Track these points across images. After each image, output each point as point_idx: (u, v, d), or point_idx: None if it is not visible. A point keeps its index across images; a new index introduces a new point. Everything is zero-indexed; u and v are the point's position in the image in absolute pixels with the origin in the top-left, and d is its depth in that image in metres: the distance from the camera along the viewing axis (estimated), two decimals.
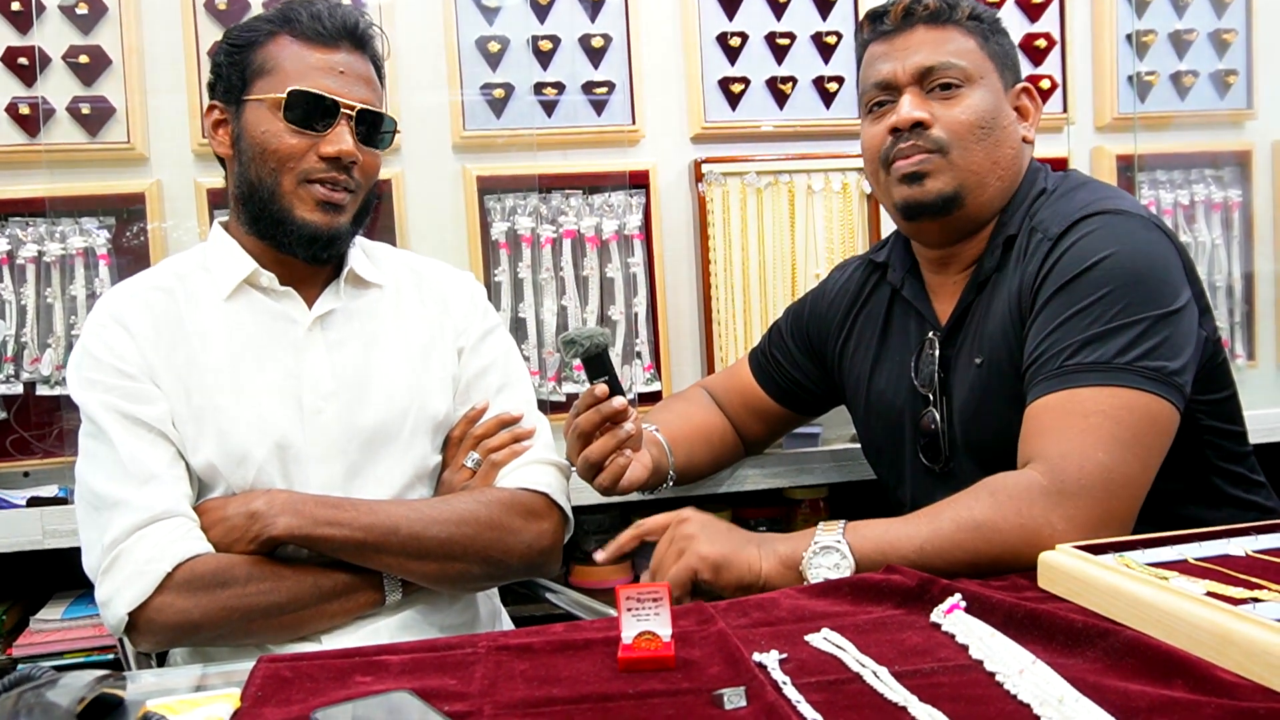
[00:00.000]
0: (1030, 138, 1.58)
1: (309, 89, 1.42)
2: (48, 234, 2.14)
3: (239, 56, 1.45)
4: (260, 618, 1.36)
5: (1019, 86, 1.58)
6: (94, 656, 2.00)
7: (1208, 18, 2.58)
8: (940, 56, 1.51)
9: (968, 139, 1.50)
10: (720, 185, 2.34)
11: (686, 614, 1.16)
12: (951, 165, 1.50)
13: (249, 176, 1.45)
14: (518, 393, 1.60)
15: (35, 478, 2.13)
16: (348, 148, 1.43)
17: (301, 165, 1.43)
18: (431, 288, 1.60)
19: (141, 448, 1.39)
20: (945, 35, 1.53)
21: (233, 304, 1.47)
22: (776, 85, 2.41)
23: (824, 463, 2.21)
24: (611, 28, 2.34)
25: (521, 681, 1.01)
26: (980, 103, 1.51)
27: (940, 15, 1.54)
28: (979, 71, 1.52)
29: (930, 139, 1.50)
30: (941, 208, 1.52)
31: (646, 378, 2.34)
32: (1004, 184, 1.53)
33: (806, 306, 1.83)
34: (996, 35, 1.57)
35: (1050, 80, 2.51)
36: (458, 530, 1.41)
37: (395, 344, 1.53)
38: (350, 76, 1.45)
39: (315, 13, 1.44)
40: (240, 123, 1.45)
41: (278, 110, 1.42)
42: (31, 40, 2.14)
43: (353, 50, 1.47)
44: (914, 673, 0.97)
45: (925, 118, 1.50)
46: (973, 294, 1.53)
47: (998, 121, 1.52)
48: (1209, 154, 2.59)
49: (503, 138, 2.31)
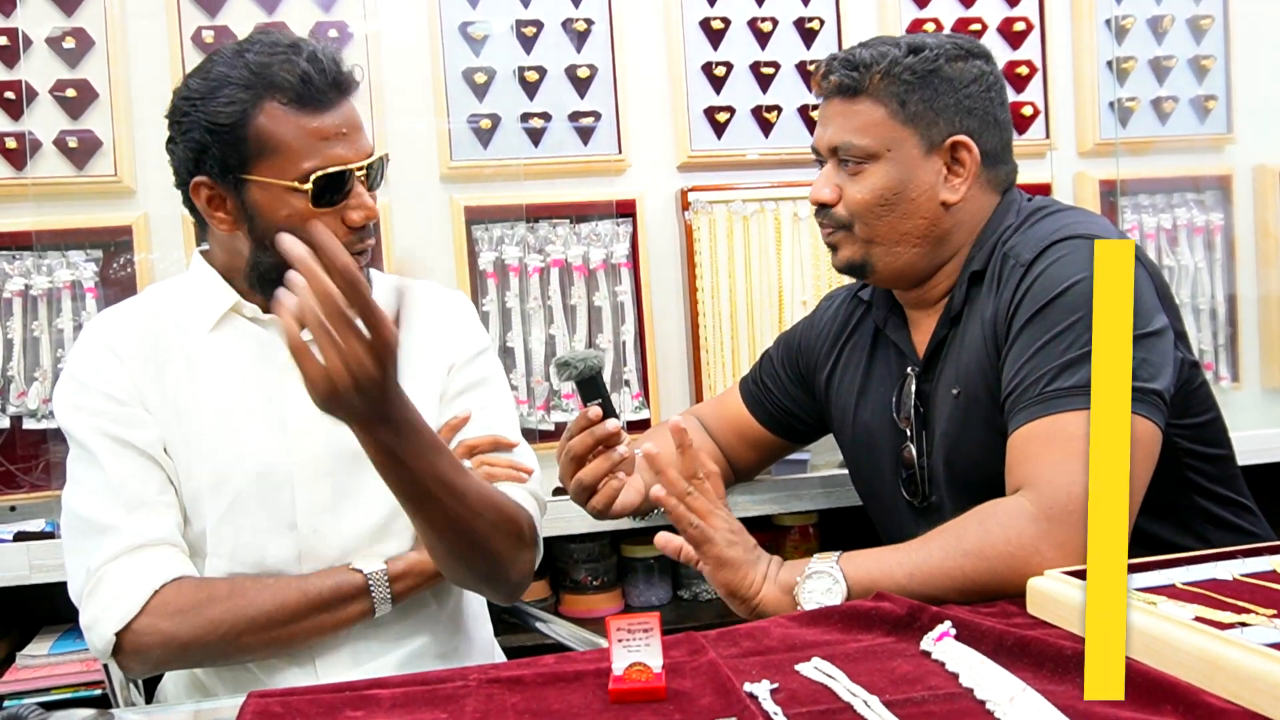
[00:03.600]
0: (954, 199, 1.52)
1: (330, 169, 1.34)
2: (35, 267, 2.14)
3: (229, 135, 1.34)
4: (248, 630, 1.34)
5: (950, 142, 1.51)
6: (82, 692, 1.99)
7: (1187, 44, 2.61)
8: (843, 136, 1.52)
9: (867, 216, 1.52)
10: (707, 214, 2.36)
11: (677, 644, 1.15)
12: (855, 239, 1.55)
13: (274, 260, 1.31)
14: (506, 414, 1.59)
15: (21, 512, 2.12)
16: (371, 210, 1.39)
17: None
18: (421, 310, 1.59)
19: (132, 472, 1.38)
20: (854, 109, 1.52)
21: (218, 333, 1.46)
22: (762, 114, 2.43)
23: (813, 489, 2.21)
24: (597, 58, 2.36)
25: (513, 715, 1.00)
26: (881, 180, 1.51)
27: (847, 89, 1.52)
28: (885, 145, 1.50)
29: (833, 217, 1.56)
30: (853, 272, 1.59)
31: (635, 406, 2.34)
32: (923, 248, 1.53)
33: (798, 335, 1.83)
34: (924, 90, 1.50)
35: (1032, 107, 2.53)
36: (495, 515, 1.37)
37: None
38: (351, 133, 1.38)
39: (303, 74, 1.34)
40: (246, 203, 1.37)
41: (297, 195, 1.34)
42: (18, 74, 2.15)
43: (342, 101, 1.39)
44: (905, 701, 0.97)
45: (828, 198, 1.55)
46: (946, 327, 1.54)
47: (904, 194, 1.51)
48: (1190, 178, 2.62)
49: (490, 168, 2.32)
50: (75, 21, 2.17)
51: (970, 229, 1.54)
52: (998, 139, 1.55)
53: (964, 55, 1.53)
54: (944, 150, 1.52)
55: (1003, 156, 1.57)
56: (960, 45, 1.54)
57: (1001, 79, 1.58)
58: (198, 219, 1.46)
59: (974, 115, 1.53)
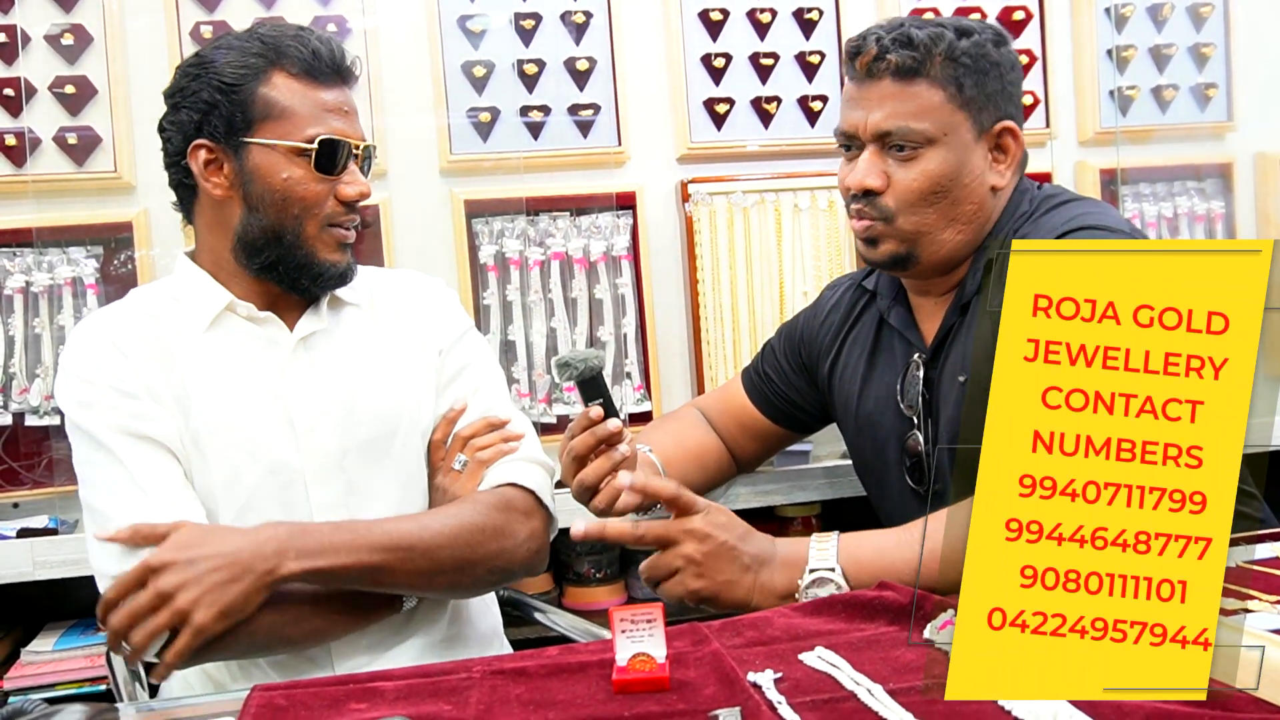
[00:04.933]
0: (1001, 184, 1.51)
1: (333, 136, 1.40)
2: (35, 264, 2.14)
3: (236, 95, 1.39)
4: (292, 620, 1.34)
5: (999, 127, 1.50)
6: (86, 688, 1.99)
7: (1187, 32, 2.61)
8: (899, 120, 1.46)
9: (918, 205, 1.48)
10: (707, 205, 2.35)
11: (681, 635, 1.16)
12: (898, 231, 1.49)
13: (266, 222, 1.41)
14: (497, 392, 1.60)
15: (25, 509, 2.13)
16: (366, 188, 1.44)
17: (325, 210, 1.42)
18: (405, 298, 1.60)
19: (155, 464, 1.37)
20: (911, 91, 1.47)
21: (213, 333, 1.45)
22: (761, 105, 2.43)
23: (816, 479, 2.21)
24: (596, 50, 2.36)
25: (517, 706, 1.00)
26: (937, 166, 1.47)
27: (907, 69, 1.46)
28: (942, 129, 1.47)
29: (878, 207, 1.49)
30: (895, 265, 1.54)
31: (637, 398, 2.34)
32: (967, 233, 1.51)
33: (800, 325, 1.83)
34: (977, 75, 1.48)
35: (1033, 96, 2.53)
36: (463, 538, 1.39)
37: (378, 359, 1.53)
38: (352, 115, 1.45)
39: (314, 49, 1.41)
40: (245, 165, 1.40)
41: (300, 157, 1.39)
42: (17, 71, 2.15)
43: (344, 84, 1.46)
44: (909, 689, 0.97)
45: (876, 185, 1.48)
46: (956, 316, 1.54)
47: (958, 180, 1.48)
48: (1191, 166, 2.62)
49: (490, 161, 2.32)
50: (74, 18, 2.17)
51: (985, 223, 1.54)
52: (1022, 123, 1.56)
53: (1003, 40, 1.52)
54: (991, 136, 1.50)
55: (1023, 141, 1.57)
56: (998, 30, 1.53)
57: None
58: (185, 209, 1.49)
59: (1013, 101, 1.52)
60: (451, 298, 1.65)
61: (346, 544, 1.33)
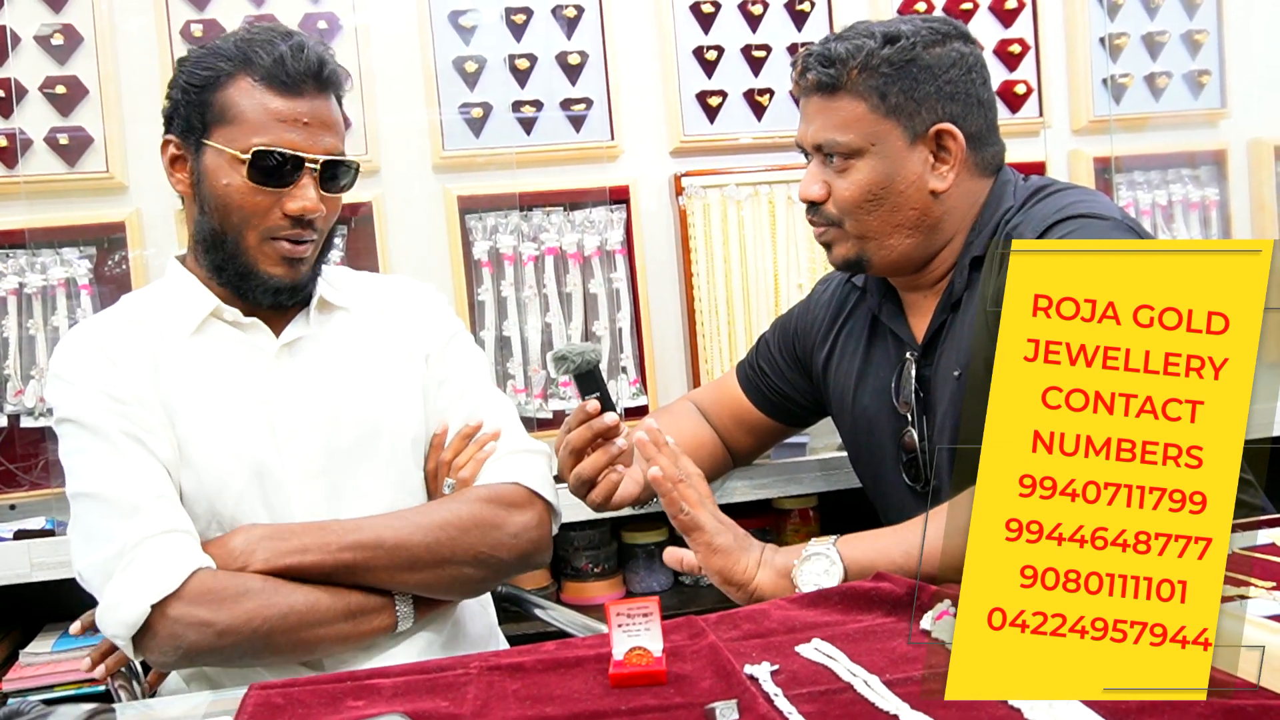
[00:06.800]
0: (942, 187, 1.50)
1: (273, 147, 1.37)
2: (28, 265, 2.14)
3: (198, 96, 1.39)
4: (280, 629, 1.32)
5: (935, 129, 1.48)
6: (84, 689, 1.99)
7: (1179, 19, 2.61)
8: (826, 134, 1.50)
9: (857, 212, 1.51)
10: (701, 198, 2.35)
11: (677, 628, 1.16)
12: (847, 235, 1.53)
13: (211, 225, 1.41)
14: (481, 394, 1.59)
15: (22, 510, 2.13)
16: (311, 204, 1.39)
17: (265, 223, 1.39)
18: (394, 303, 1.60)
19: (146, 464, 1.36)
20: (834, 105, 1.49)
21: (199, 338, 1.45)
22: (754, 97, 2.42)
23: (812, 472, 2.21)
24: (588, 44, 2.35)
25: (514, 701, 1.00)
26: (867, 176, 1.49)
27: (826, 85, 1.49)
28: (869, 140, 1.48)
29: (824, 214, 1.54)
30: (850, 268, 1.58)
31: (632, 392, 2.34)
32: (915, 237, 1.52)
33: (793, 319, 1.83)
34: (903, 81, 1.47)
35: (1025, 85, 2.53)
36: (441, 534, 1.40)
37: (364, 364, 1.52)
38: (315, 126, 1.40)
39: (279, 56, 1.37)
40: (200, 166, 1.41)
41: (240, 166, 1.37)
42: (7, 72, 2.14)
43: (317, 94, 1.41)
44: (905, 680, 0.97)
45: (818, 195, 1.52)
46: (946, 312, 1.54)
47: (891, 188, 1.49)
48: (1185, 154, 2.61)
49: (482, 156, 2.32)
50: (63, 18, 2.16)
51: (964, 214, 1.53)
52: (982, 120, 1.53)
53: (941, 39, 1.50)
54: (929, 139, 1.49)
55: (989, 138, 1.54)
56: (936, 29, 1.51)
57: (981, 58, 1.55)
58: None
59: (956, 100, 1.50)
60: (441, 302, 1.64)
61: (317, 543, 1.35)
